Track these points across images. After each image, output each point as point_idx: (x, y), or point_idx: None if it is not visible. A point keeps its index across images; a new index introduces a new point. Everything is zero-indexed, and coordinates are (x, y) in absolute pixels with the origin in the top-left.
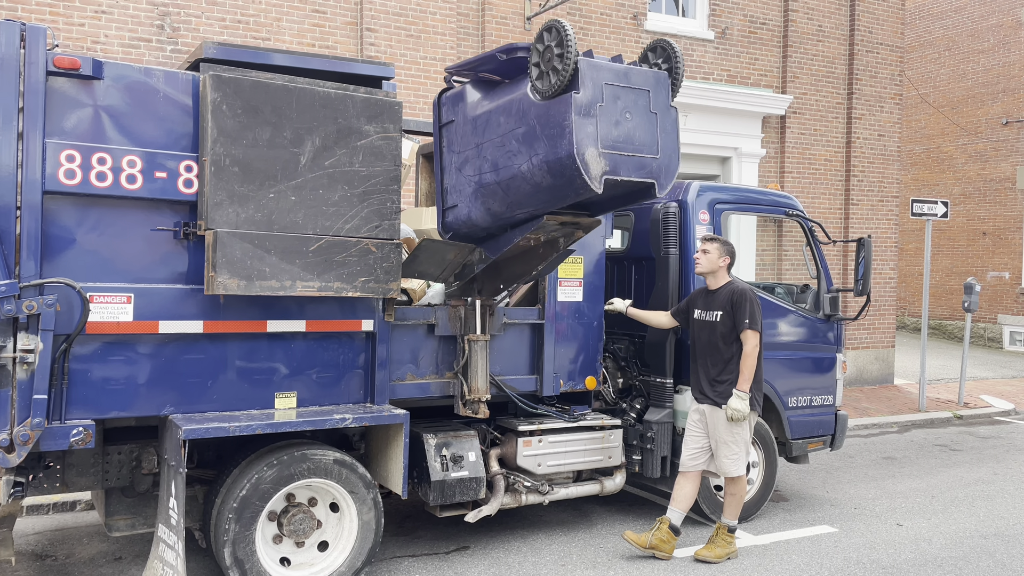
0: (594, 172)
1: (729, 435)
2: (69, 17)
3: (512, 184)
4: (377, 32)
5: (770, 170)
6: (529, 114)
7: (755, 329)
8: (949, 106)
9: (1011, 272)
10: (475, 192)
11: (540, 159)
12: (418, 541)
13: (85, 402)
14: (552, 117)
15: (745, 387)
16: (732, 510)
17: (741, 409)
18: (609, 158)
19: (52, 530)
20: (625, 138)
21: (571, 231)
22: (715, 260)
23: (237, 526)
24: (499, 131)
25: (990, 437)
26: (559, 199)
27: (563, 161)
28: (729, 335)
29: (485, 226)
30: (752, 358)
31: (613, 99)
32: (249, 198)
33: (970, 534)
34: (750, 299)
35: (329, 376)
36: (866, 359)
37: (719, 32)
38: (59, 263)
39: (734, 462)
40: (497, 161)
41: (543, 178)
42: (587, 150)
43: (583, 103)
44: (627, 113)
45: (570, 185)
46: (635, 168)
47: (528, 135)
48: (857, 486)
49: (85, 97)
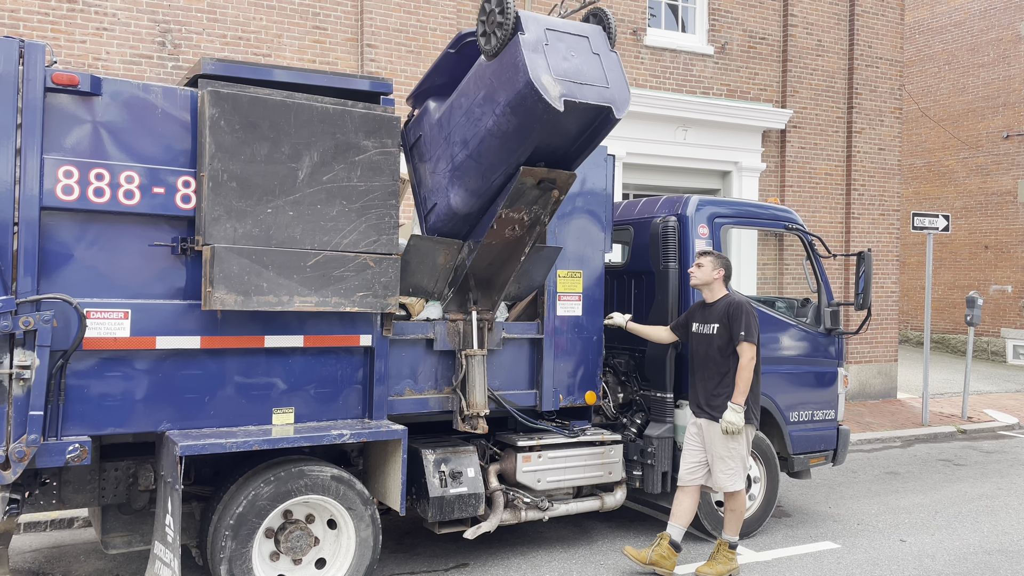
0: (552, 93)
1: (725, 450)
2: (71, 34)
3: (482, 148)
4: (377, 48)
5: (770, 184)
6: (485, 76)
7: (751, 341)
8: (950, 120)
9: (1014, 286)
10: (451, 179)
11: (502, 106)
12: (417, 558)
13: (81, 418)
14: (505, 64)
15: (741, 400)
16: (732, 526)
17: (736, 422)
18: (563, 84)
19: (49, 547)
20: (574, 70)
21: (548, 196)
22: (709, 273)
23: (234, 543)
24: (462, 111)
25: (994, 452)
26: (527, 138)
27: (522, 92)
28: (726, 348)
29: (467, 211)
30: (748, 371)
31: (557, 40)
32: (247, 213)
33: (974, 550)
34: (746, 311)
35: (327, 391)
36: (869, 373)
37: (719, 47)
38: (56, 279)
39: (730, 477)
40: (466, 135)
41: (508, 122)
42: (542, 75)
43: (531, 41)
44: (571, 53)
45: (533, 114)
46: (589, 94)
47: (488, 94)
48: (860, 501)
49: (83, 113)
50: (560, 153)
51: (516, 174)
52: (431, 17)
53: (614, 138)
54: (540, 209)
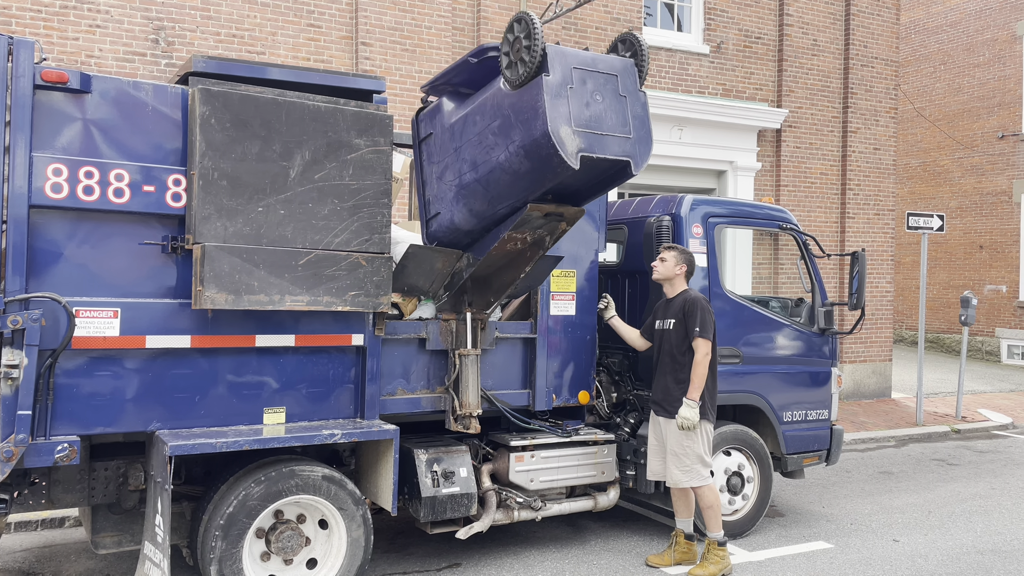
0: (570, 149)
1: (680, 446)
2: (63, 31)
3: (491, 177)
4: (372, 46)
5: (766, 183)
6: (503, 106)
7: (706, 337)
8: (945, 120)
9: (1008, 285)
10: (456, 195)
11: (517, 145)
12: (409, 558)
13: (70, 418)
14: (525, 102)
15: (695, 395)
16: (712, 523)
17: (691, 418)
18: (583, 136)
19: (39, 547)
20: (597, 118)
21: (555, 224)
22: (671, 268)
23: (224, 543)
24: (475, 130)
25: (988, 451)
26: (538, 183)
27: (538, 141)
28: (682, 344)
29: (468, 228)
30: (703, 366)
31: (582, 82)
32: (238, 212)
33: (967, 550)
34: (701, 307)
35: (319, 391)
36: (863, 373)
37: (714, 46)
38: (45, 277)
39: (685, 473)
40: (476, 159)
41: (521, 164)
42: (561, 127)
43: (554, 84)
44: (597, 95)
45: (547, 165)
46: (609, 146)
47: (503, 126)
48: (853, 501)
49: (73, 110)
50: (570, 191)
51: (523, 208)
52: (426, 15)
53: None
54: (545, 233)
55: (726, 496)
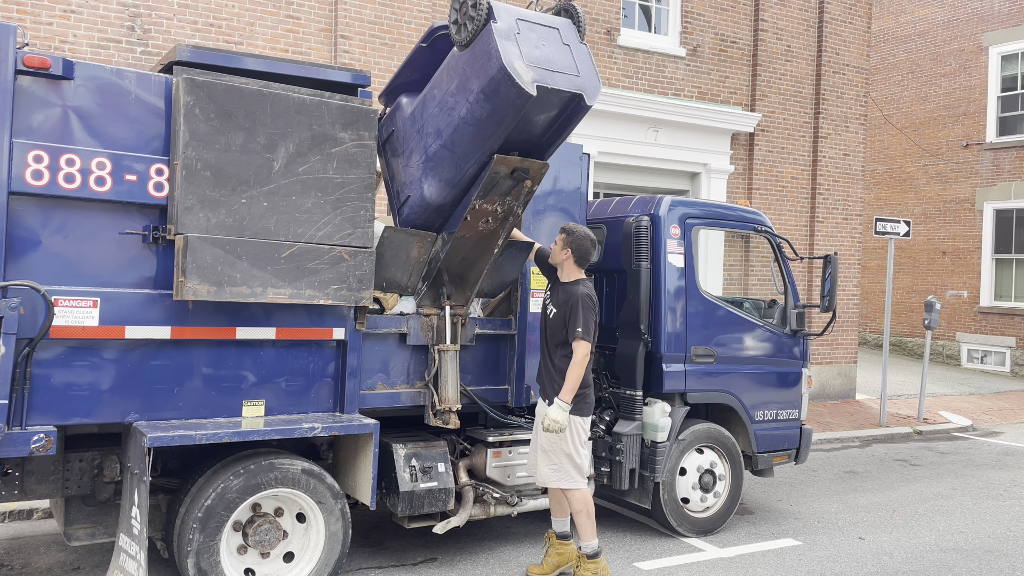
0: (525, 78)
1: (548, 443)
2: (37, 16)
3: (456, 136)
4: (351, 39)
5: (738, 186)
6: (458, 67)
7: (587, 339)
8: (912, 128)
9: (969, 291)
10: (424, 170)
11: (476, 92)
12: (385, 552)
13: (47, 408)
14: (478, 52)
15: (568, 398)
16: (583, 530)
17: (559, 420)
18: (536, 71)
19: (8, 539)
20: (547, 58)
21: (521, 187)
22: (557, 252)
23: (201, 536)
24: (435, 102)
25: (949, 452)
26: (500, 125)
27: (495, 78)
28: (559, 334)
29: (440, 201)
30: (580, 367)
31: (528, 30)
32: (221, 203)
33: (930, 548)
34: (585, 306)
35: (298, 384)
36: (829, 374)
37: (690, 49)
38: (24, 265)
39: (555, 472)
40: (439, 126)
41: (482, 109)
42: (515, 61)
43: (503, 29)
44: (543, 42)
45: (506, 100)
46: (560, 81)
47: (461, 83)
48: (820, 500)
49: (55, 97)
50: (532, 143)
51: (490, 163)
52: (406, 10)
53: (585, 137)
54: (513, 200)
55: (698, 493)
